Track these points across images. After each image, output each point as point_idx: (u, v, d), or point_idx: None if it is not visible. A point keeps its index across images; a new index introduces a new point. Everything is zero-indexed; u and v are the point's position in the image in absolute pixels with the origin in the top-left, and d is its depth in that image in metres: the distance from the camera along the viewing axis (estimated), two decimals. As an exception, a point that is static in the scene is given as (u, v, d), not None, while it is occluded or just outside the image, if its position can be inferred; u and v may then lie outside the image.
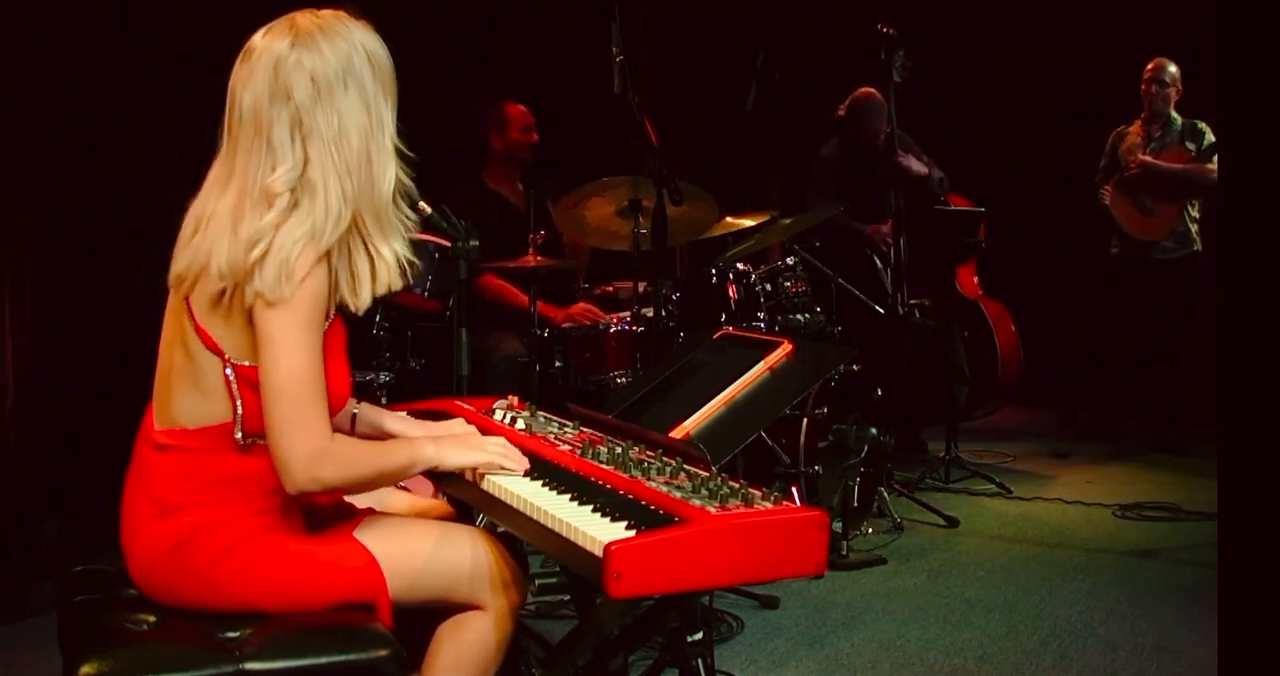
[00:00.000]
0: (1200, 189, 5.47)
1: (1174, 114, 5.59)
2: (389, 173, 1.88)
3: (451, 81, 5.24)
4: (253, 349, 1.79)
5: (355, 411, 2.23)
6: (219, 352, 1.82)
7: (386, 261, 1.88)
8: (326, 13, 1.89)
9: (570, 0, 5.42)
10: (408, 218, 1.93)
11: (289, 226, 1.78)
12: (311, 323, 1.78)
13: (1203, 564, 3.95)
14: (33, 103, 3.84)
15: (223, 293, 1.79)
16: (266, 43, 1.84)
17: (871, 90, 5.48)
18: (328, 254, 1.81)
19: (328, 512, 2.06)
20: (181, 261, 1.86)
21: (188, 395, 1.85)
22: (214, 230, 1.81)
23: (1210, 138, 5.51)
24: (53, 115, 3.91)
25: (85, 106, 4.01)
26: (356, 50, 1.85)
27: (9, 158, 3.80)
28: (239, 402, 1.83)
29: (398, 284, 1.90)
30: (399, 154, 1.91)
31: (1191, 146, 5.51)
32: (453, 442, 2.00)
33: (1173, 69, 5.53)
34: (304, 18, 1.87)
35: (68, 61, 3.93)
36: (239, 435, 1.84)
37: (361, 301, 1.87)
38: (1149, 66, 5.59)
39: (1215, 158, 5.39)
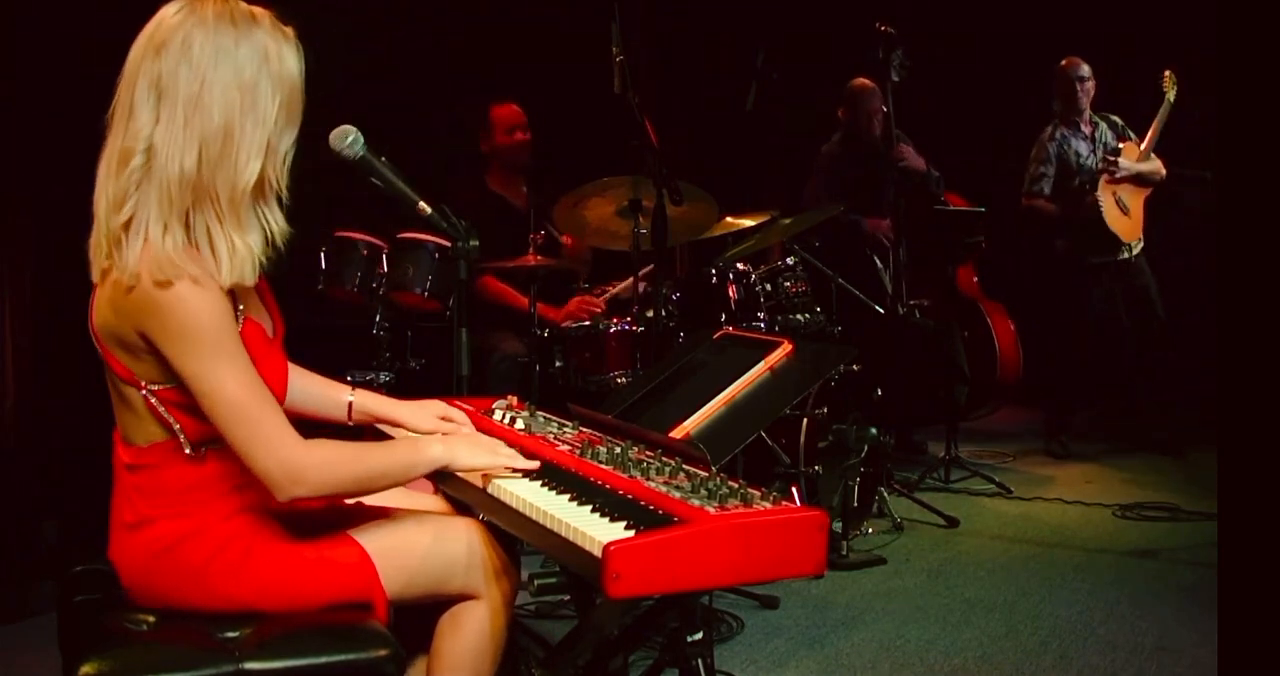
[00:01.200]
0: (1155, 184, 5.53)
1: (1090, 110, 5.62)
2: (253, 165, 1.78)
3: (452, 82, 5.24)
4: (163, 371, 1.77)
5: (350, 399, 2.22)
6: (134, 382, 1.81)
7: (238, 251, 1.78)
8: (248, 6, 1.82)
9: (570, 0, 5.42)
10: (271, 220, 1.84)
11: (147, 193, 1.74)
12: (223, 345, 1.73)
13: (1203, 564, 3.95)
14: (32, 103, 3.85)
15: (111, 285, 1.74)
16: (168, 8, 1.79)
17: (864, 80, 5.50)
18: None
19: (319, 511, 2.06)
20: (91, 236, 1.82)
21: (127, 419, 1.85)
22: (96, 196, 1.79)
23: (1130, 132, 5.60)
24: (52, 115, 3.91)
25: (85, 107, 4.01)
26: (249, 39, 1.77)
27: (8, 158, 3.80)
28: (172, 422, 1.82)
29: (250, 279, 1.80)
30: (282, 161, 1.83)
31: (1131, 140, 5.56)
32: (463, 442, 1.98)
33: (1086, 65, 5.57)
34: None
35: (69, 61, 3.93)
36: (187, 450, 1.84)
37: (222, 280, 1.76)
38: (1064, 64, 5.59)
39: (1152, 152, 5.48)
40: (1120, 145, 5.55)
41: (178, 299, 1.71)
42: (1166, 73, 5.43)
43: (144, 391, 1.80)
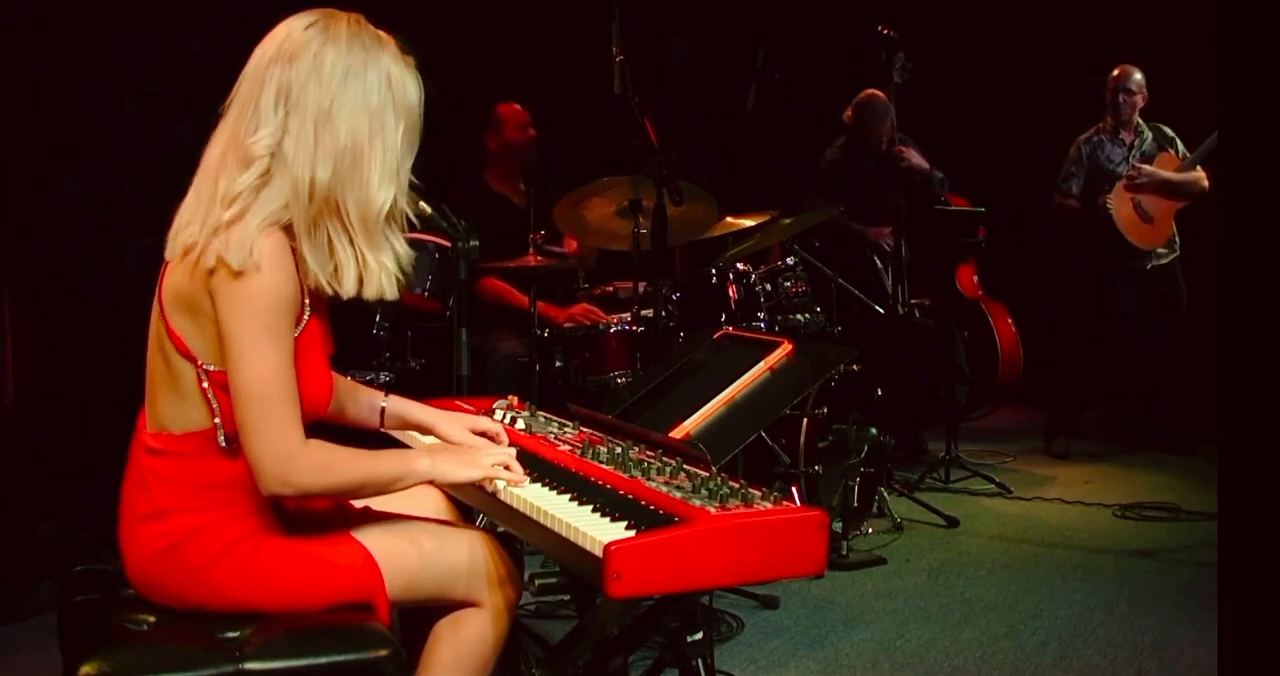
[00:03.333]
0: (1192, 196, 5.50)
1: (1139, 120, 5.61)
2: (386, 191, 1.84)
3: (452, 81, 5.24)
4: (220, 352, 1.78)
5: (384, 404, 2.22)
6: (191, 358, 1.81)
7: (372, 270, 1.85)
8: (375, 29, 1.88)
9: (570, 0, 5.43)
10: (397, 244, 1.89)
11: (266, 197, 1.78)
12: (275, 328, 1.76)
13: (1202, 564, 3.95)
14: (33, 102, 3.85)
15: (193, 263, 1.77)
16: (299, 19, 1.84)
17: (876, 92, 5.48)
18: (296, 252, 1.80)
19: (325, 511, 2.07)
20: (179, 214, 1.85)
21: (169, 401, 1.85)
22: (199, 179, 1.82)
23: (1180, 143, 5.57)
24: (54, 115, 3.92)
25: (85, 107, 4.01)
26: (376, 65, 1.84)
27: (9, 158, 3.80)
28: (216, 408, 1.82)
29: (391, 294, 1.87)
30: (412, 187, 1.89)
31: (1171, 152, 5.53)
32: (450, 456, 1.99)
33: (1139, 75, 5.54)
34: (349, 16, 1.86)
35: (70, 61, 3.94)
36: (221, 440, 1.83)
37: (345, 291, 1.85)
38: (1114, 74, 5.57)
39: (1198, 164, 5.42)
40: (1158, 154, 5.54)
41: (253, 267, 1.73)
42: None
43: (200, 372, 1.81)
